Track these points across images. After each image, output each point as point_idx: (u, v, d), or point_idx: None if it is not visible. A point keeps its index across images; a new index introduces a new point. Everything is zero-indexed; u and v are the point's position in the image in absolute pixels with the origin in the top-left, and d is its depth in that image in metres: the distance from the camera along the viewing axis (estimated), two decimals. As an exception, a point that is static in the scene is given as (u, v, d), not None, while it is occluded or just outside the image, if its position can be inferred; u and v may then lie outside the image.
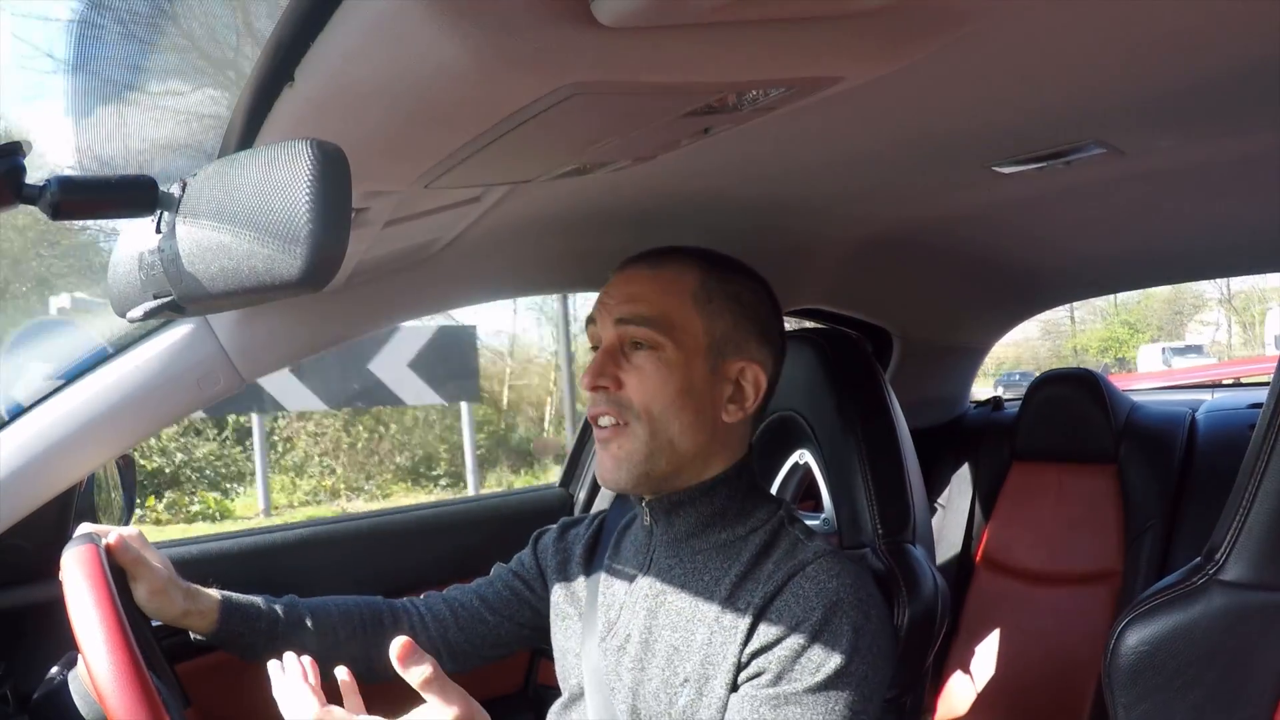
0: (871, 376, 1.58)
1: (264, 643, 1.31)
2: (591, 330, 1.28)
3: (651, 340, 1.20)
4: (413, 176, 0.99)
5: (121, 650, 1.01)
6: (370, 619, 1.40)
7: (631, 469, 1.20)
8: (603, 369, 1.21)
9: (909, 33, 0.83)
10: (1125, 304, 25.54)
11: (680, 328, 1.21)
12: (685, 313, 1.21)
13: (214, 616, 1.29)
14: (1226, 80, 1.05)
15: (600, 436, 1.23)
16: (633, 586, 1.27)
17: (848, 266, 2.03)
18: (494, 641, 1.45)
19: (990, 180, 1.44)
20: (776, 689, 1.09)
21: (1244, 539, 1.10)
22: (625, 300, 1.23)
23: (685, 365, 1.20)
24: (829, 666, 1.08)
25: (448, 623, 1.43)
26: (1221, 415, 2.48)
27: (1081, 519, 2.39)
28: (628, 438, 1.20)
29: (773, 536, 1.21)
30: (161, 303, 0.80)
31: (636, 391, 1.20)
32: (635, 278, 1.24)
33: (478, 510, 2.26)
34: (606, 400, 1.21)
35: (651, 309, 1.21)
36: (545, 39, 0.67)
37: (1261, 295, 26.86)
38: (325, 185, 0.66)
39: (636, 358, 1.21)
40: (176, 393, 1.32)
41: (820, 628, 1.10)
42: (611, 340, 1.23)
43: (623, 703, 1.20)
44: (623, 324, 1.22)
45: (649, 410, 1.19)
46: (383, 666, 1.34)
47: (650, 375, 1.19)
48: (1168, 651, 1.12)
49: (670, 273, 1.24)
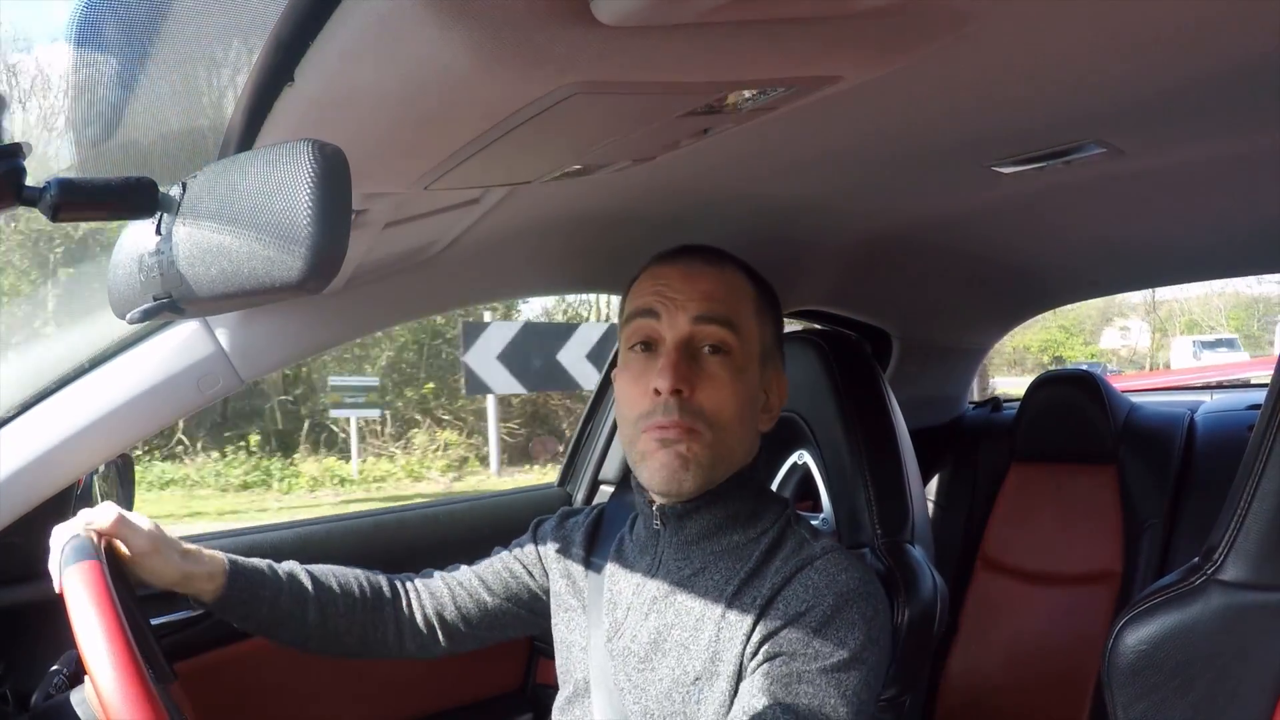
0: (871, 377, 1.58)
1: (266, 610, 1.27)
2: (647, 324, 1.19)
3: (727, 344, 1.16)
4: (413, 177, 0.99)
5: (132, 676, 0.99)
6: (371, 593, 1.36)
7: (699, 473, 1.15)
8: (682, 372, 1.14)
9: (908, 33, 0.83)
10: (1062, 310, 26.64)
11: (745, 334, 1.18)
12: (748, 319, 1.19)
13: (220, 580, 1.23)
14: (1226, 79, 1.05)
15: (667, 436, 1.14)
16: (640, 588, 1.25)
17: (847, 267, 2.03)
18: (490, 622, 1.41)
19: (990, 180, 1.44)
20: (789, 668, 1.07)
21: (1242, 539, 1.10)
22: (702, 297, 1.16)
23: (747, 374, 1.18)
24: (843, 652, 1.07)
25: (444, 600, 1.39)
26: (1220, 416, 2.48)
27: (1080, 519, 2.39)
28: (698, 442, 1.14)
29: (780, 535, 1.21)
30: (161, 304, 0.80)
31: (709, 399, 1.14)
32: (703, 274, 1.19)
33: (476, 509, 2.26)
34: (681, 407, 1.13)
35: (727, 310, 1.17)
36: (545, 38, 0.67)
37: (1183, 308, 27.99)
38: (325, 186, 0.66)
39: (710, 362, 1.16)
40: (176, 393, 1.32)
41: (831, 615, 1.09)
42: (684, 338, 1.16)
43: (634, 704, 1.19)
44: (702, 322, 1.16)
45: (719, 419, 1.15)
46: (378, 640, 1.35)
47: (725, 382, 1.15)
48: (1166, 651, 1.12)
49: (731, 275, 1.20)
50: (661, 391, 1.13)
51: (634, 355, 1.20)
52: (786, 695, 1.05)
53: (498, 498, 2.39)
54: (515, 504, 2.31)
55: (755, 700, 1.07)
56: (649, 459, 1.16)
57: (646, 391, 1.15)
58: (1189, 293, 27.93)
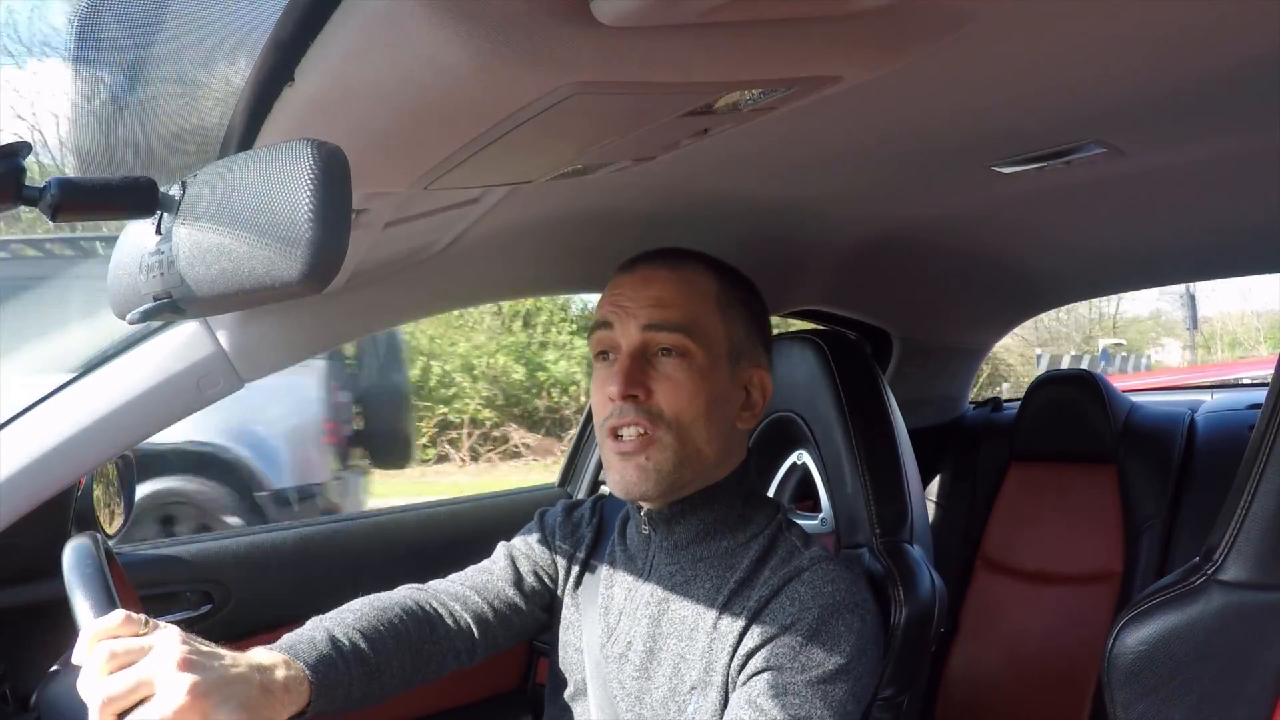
0: (870, 377, 1.58)
1: (341, 703, 1.12)
2: (604, 335, 1.21)
3: (683, 347, 1.16)
4: (413, 177, 0.99)
5: None
6: (417, 633, 1.24)
7: (660, 480, 1.16)
8: (633, 376, 1.16)
9: (908, 33, 0.83)
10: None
11: (706, 334, 1.18)
12: (709, 318, 1.19)
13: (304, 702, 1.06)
14: (1226, 79, 1.05)
15: (623, 449, 1.17)
16: (632, 593, 1.25)
17: (847, 267, 2.03)
18: (518, 629, 1.35)
19: (990, 180, 1.45)
20: (776, 680, 1.08)
21: (1242, 539, 1.10)
22: (652, 304, 1.18)
23: (711, 372, 1.18)
24: (830, 664, 1.08)
25: (480, 612, 1.30)
26: (1220, 416, 2.48)
27: (1081, 519, 2.39)
28: (656, 448, 1.15)
29: (771, 542, 1.21)
30: (161, 304, 0.80)
31: (668, 401, 1.16)
32: (655, 279, 1.20)
33: (476, 509, 2.26)
34: (636, 410, 1.15)
35: (680, 314, 1.17)
36: (545, 38, 0.67)
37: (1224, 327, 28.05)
38: (325, 186, 0.66)
39: (665, 365, 1.17)
40: (176, 394, 1.32)
41: (818, 627, 1.10)
42: (636, 346, 1.18)
43: (628, 711, 1.20)
44: (651, 329, 1.17)
45: (680, 420, 1.16)
46: (428, 673, 1.24)
47: (682, 383, 1.16)
48: (1166, 651, 1.12)
49: (690, 275, 1.21)
50: (614, 398, 1.16)
51: (598, 365, 1.23)
52: (773, 707, 1.06)
53: (499, 497, 2.39)
54: (516, 504, 2.31)
55: (742, 712, 1.07)
56: (612, 469, 1.19)
57: (606, 399, 1.18)
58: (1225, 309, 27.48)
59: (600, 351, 1.23)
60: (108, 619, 0.92)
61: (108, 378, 1.30)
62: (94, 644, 0.90)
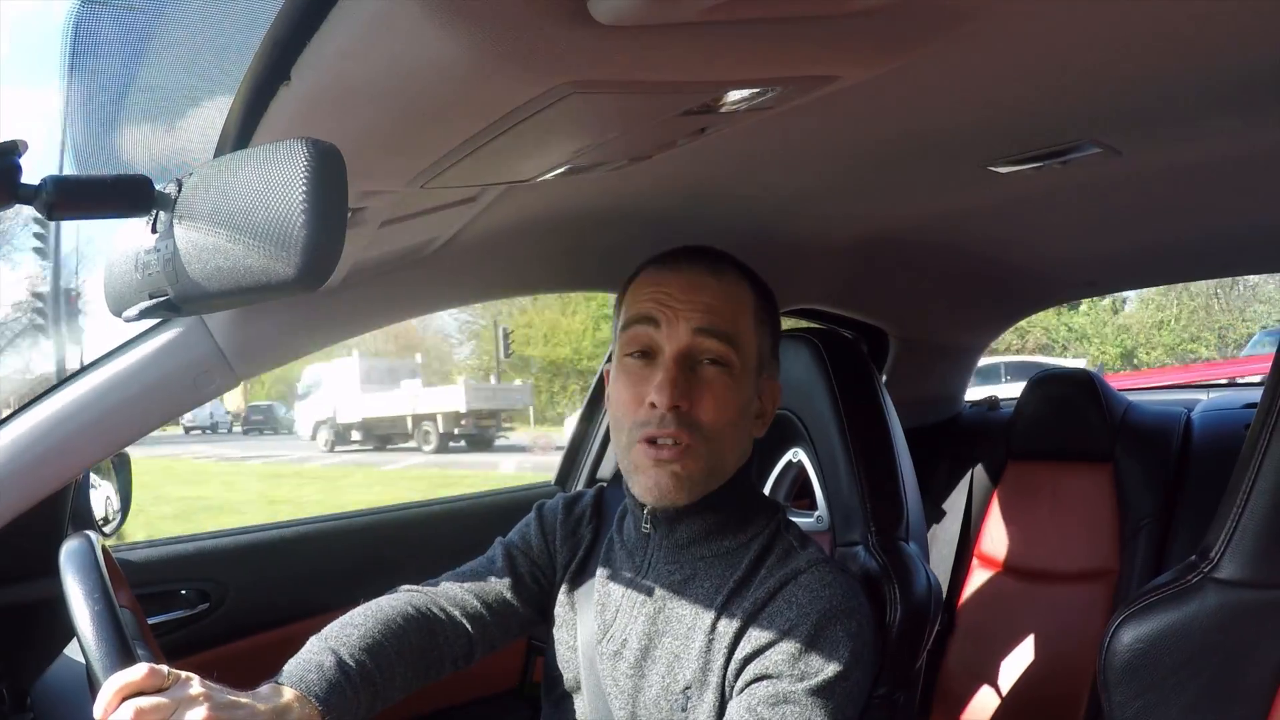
0: (866, 376, 1.58)
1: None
2: (645, 333, 1.18)
3: (727, 357, 1.15)
4: (409, 176, 0.99)
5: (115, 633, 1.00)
6: (419, 643, 1.21)
7: (692, 489, 1.15)
8: (682, 388, 1.13)
9: (904, 32, 0.83)
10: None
11: (744, 345, 1.17)
12: (747, 330, 1.18)
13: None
14: (1221, 81, 1.06)
15: (660, 456, 1.14)
16: (629, 591, 1.25)
17: (844, 266, 2.03)
18: (515, 631, 1.35)
19: (987, 180, 1.45)
20: (775, 689, 1.08)
21: (1238, 537, 1.10)
22: (703, 309, 1.15)
23: (743, 384, 1.17)
24: (828, 671, 1.08)
25: (489, 625, 1.30)
26: (1216, 415, 2.48)
27: (1077, 517, 2.39)
28: (691, 458, 1.14)
29: (769, 543, 1.21)
30: (157, 302, 0.80)
31: (707, 412, 1.14)
32: (704, 284, 1.17)
33: (472, 507, 2.26)
34: (678, 421, 1.13)
35: (727, 323, 1.16)
36: (542, 37, 0.67)
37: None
38: (321, 185, 0.66)
39: (709, 373, 1.15)
40: (172, 391, 1.32)
41: (816, 634, 1.09)
42: (684, 350, 1.15)
43: (621, 709, 1.19)
44: (702, 335, 1.15)
45: (716, 431, 1.14)
46: (431, 677, 1.23)
47: (722, 395, 1.15)
48: (1162, 649, 1.13)
49: (733, 284, 1.19)
50: (659, 406, 1.13)
51: (631, 362, 1.19)
52: (773, 715, 1.06)
53: (494, 496, 2.39)
54: (512, 502, 2.31)
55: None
56: (642, 473, 1.16)
57: (642, 402, 1.15)
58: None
59: (638, 350, 1.18)
60: (131, 673, 0.91)
61: (104, 375, 1.30)
62: (117, 699, 0.89)
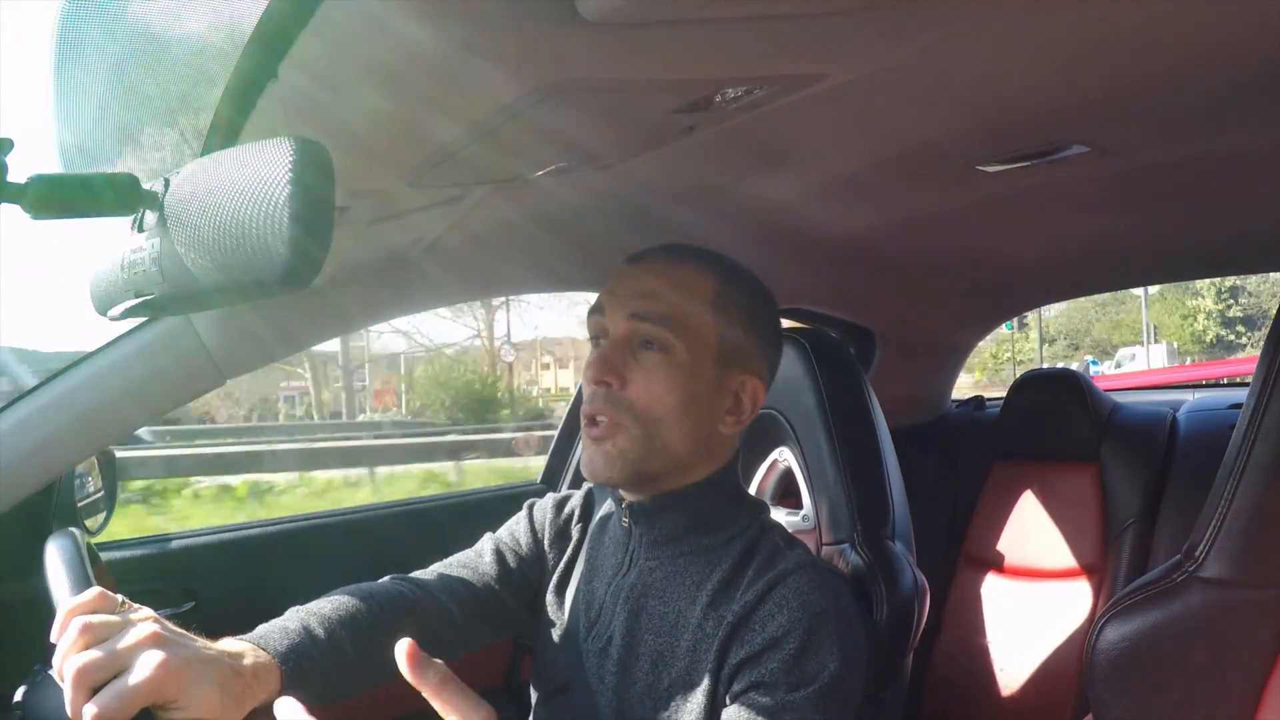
0: (852, 376, 1.59)
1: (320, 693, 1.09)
2: (596, 320, 1.22)
3: (664, 341, 1.16)
4: (398, 174, 0.99)
5: None
6: (397, 631, 1.06)
7: (624, 467, 1.16)
8: (611, 364, 1.16)
9: (892, 31, 0.83)
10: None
11: (694, 331, 1.17)
12: (700, 317, 1.18)
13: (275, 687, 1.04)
14: (1210, 79, 1.06)
15: (593, 434, 1.17)
16: (612, 586, 1.25)
17: (830, 265, 2.03)
18: (501, 626, 1.35)
19: (975, 179, 1.45)
20: (772, 699, 1.07)
21: (1223, 537, 1.11)
22: (641, 295, 1.18)
23: (693, 371, 1.17)
24: (822, 676, 1.07)
25: (474, 615, 1.29)
26: (1202, 415, 2.49)
27: (1063, 517, 2.40)
28: (623, 437, 1.15)
29: (753, 543, 1.20)
30: (142, 301, 0.79)
31: (641, 393, 1.16)
32: (651, 272, 1.20)
33: (460, 506, 2.26)
34: (606, 398, 1.16)
35: (668, 307, 1.17)
36: (531, 35, 0.67)
37: None
38: (308, 183, 0.65)
39: (645, 357, 1.16)
40: (157, 390, 1.31)
41: (807, 640, 1.09)
42: (621, 334, 1.18)
43: (608, 706, 1.19)
44: (636, 319, 1.17)
45: (650, 414, 1.15)
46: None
47: (658, 378, 1.16)
48: (1148, 647, 1.13)
49: (688, 273, 1.20)
50: (588, 382, 1.18)
51: (590, 348, 1.24)
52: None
53: (482, 494, 2.39)
54: (500, 501, 2.31)
55: None
56: (584, 450, 1.20)
57: (588, 382, 1.19)
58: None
59: (594, 336, 1.23)
60: (83, 596, 0.93)
61: (89, 374, 1.29)
62: (69, 620, 0.90)
